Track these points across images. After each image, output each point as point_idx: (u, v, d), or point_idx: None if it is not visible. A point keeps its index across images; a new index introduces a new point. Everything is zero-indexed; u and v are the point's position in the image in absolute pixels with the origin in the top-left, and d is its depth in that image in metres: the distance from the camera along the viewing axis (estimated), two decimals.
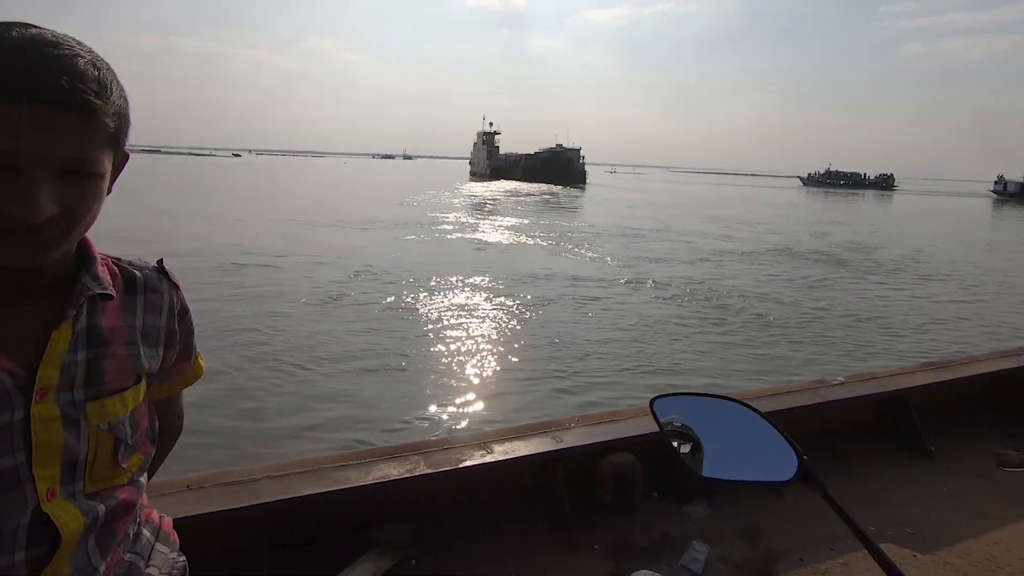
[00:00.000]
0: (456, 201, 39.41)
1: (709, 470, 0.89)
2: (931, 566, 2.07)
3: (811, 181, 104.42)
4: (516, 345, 8.36)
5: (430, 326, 9.13)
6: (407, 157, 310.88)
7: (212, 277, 11.49)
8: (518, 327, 9.25)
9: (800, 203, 56.23)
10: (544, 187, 61.17)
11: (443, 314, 9.82)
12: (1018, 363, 3.65)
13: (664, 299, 11.44)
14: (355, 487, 1.95)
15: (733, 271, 15.16)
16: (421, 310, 10.06)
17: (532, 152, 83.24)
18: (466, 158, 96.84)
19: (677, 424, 0.96)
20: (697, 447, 0.92)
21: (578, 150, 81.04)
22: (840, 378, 3.30)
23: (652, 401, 0.98)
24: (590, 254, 17.42)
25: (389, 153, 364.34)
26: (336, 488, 1.92)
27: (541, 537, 2.18)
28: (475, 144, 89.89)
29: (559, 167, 76.19)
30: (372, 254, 15.45)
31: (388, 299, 10.61)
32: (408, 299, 10.66)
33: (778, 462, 0.86)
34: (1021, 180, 76.17)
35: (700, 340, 8.67)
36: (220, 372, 6.40)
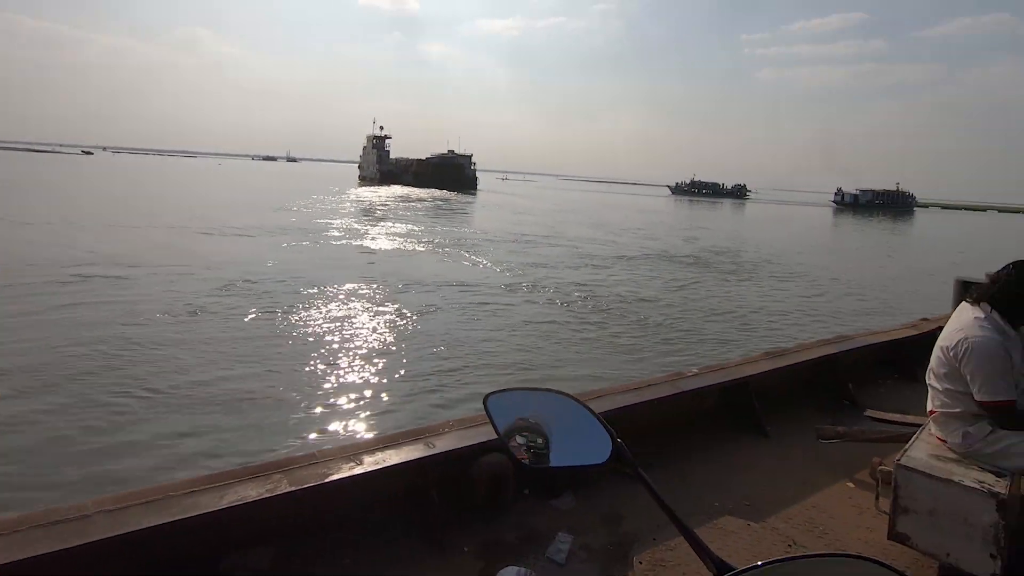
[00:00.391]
0: (344, 206, 37.93)
1: (537, 461, 0.95)
2: (762, 533, 2.34)
3: (678, 190, 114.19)
4: (398, 354, 8.18)
5: (306, 340, 8.64)
6: (291, 159, 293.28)
7: (45, 291, 10.07)
8: (402, 336, 9.07)
9: (670, 210, 60.99)
10: (436, 193, 60.88)
11: (322, 326, 9.34)
12: (837, 349, 4.26)
13: (550, 303, 11.87)
14: (205, 514, 1.81)
15: (615, 275, 16.11)
16: (297, 322, 9.48)
17: (424, 158, 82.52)
18: (355, 162, 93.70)
19: (513, 419, 1.00)
20: (533, 439, 0.97)
21: (470, 156, 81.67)
22: (694, 370, 3.64)
23: (486, 398, 1.02)
24: (480, 260, 17.60)
25: (271, 155, 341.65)
26: (183, 517, 1.77)
27: (413, 545, 2.16)
28: (364, 148, 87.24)
29: (451, 173, 76.27)
30: (246, 263, 14.31)
31: (260, 312, 9.88)
32: (283, 311, 10.01)
33: (597, 447, 0.93)
34: (855, 192, 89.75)
35: (582, 341, 9.11)
36: (47, 400, 5.63)
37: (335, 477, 2.09)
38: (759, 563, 0.62)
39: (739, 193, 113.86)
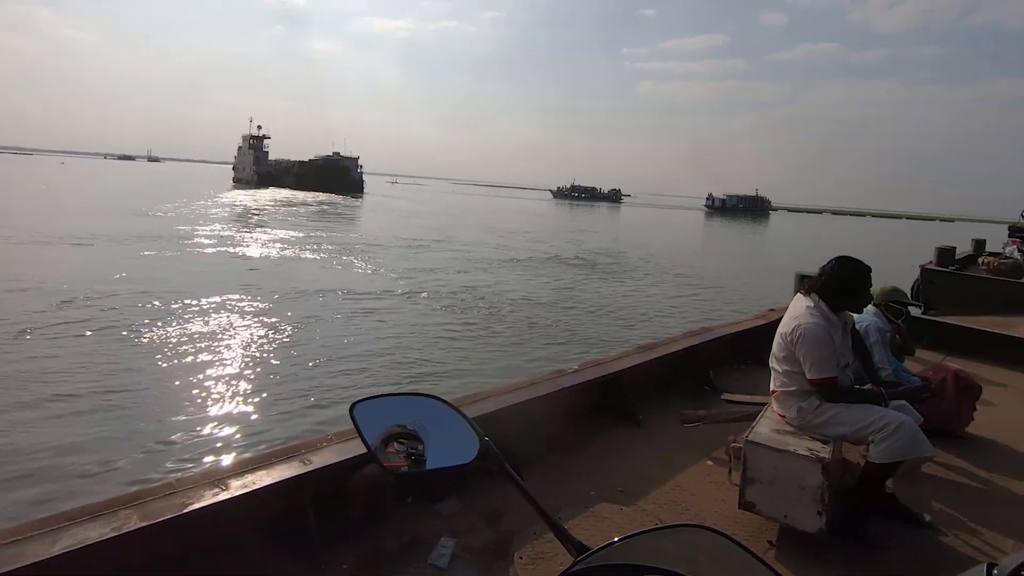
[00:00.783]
0: (215, 211, 34.89)
1: (414, 466, 0.94)
2: (632, 515, 2.51)
3: (559, 194, 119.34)
4: (274, 369, 7.67)
5: (164, 359, 7.78)
6: (153, 159, 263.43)
7: None
8: (279, 349, 8.52)
9: (556, 213, 63.47)
10: (321, 196, 58.09)
11: (184, 343, 8.48)
12: (699, 340, 4.68)
13: (439, 308, 11.81)
14: (30, 565, 1.57)
15: (505, 277, 16.41)
16: (154, 340, 8.51)
17: (307, 159, 78.38)
18: (229, 163, 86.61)
19: (385, 426, 0.99)
20: (408, 445, 0.96)
21: (356, 159, 78.90)
22: (575, 366, 3.82)
23: (352, 408, 1.00)
24: (367, 266, 17.08)
25: (129, 154, 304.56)
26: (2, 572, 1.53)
27: (287, 570, 2.05)
28: (240, 148, 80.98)
29: (336, 176, 73.14)
30: (92, 276, 12.58)
31: (107, 330, 8.76)
32: (136, 328, 8.96)
33: (466, 447, 0.95)
34: (723, 197, 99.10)
35: (469, 344, 9.17)
36: None
37: (197, 506, 1.92)
38: (615, 539, 0.66)
39: (615, 197, 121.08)
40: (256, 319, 10.11)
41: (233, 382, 7.16)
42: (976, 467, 3.25)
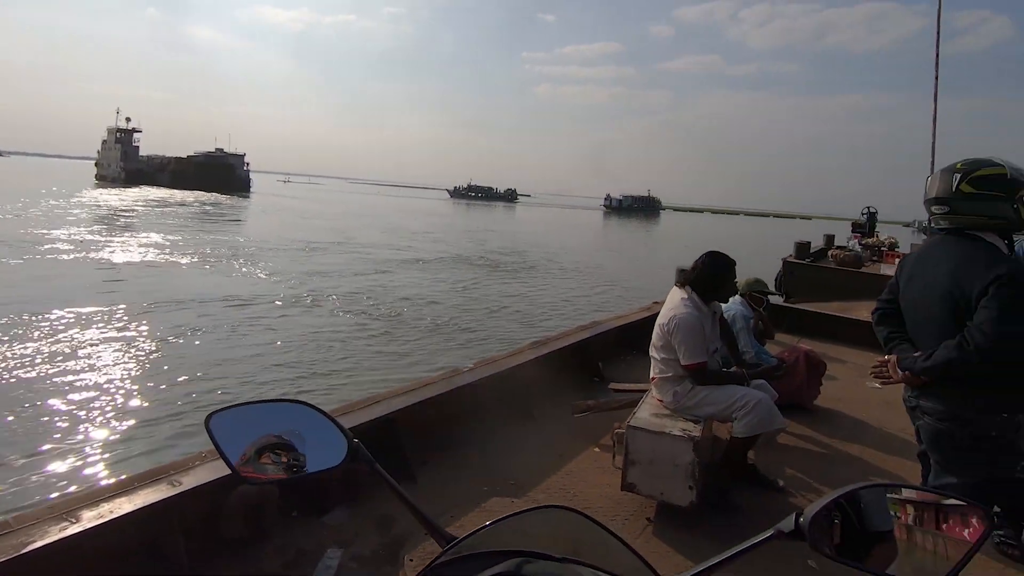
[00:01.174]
0: (74, 212, 30.98)
1: (291, 474, 0.90)
2: (522, 506, 2.58)
3: (456, 193, 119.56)
4: (142, 388, 6.94)
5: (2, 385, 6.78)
6: None
7: None
8: (148, 365, 7.72)
9: (456, 213, 63.46)
10: (204, 196, 53.52)
11: (30, 364, 7.44)
12: (590, 334, 4.91)
13: (335, 312, 11.36)
14: None
15: (407, 279, 16.14)
16: None
17: (185, 156, 71.89)
18: (92, 159, 77.20)
19: (250, 437, 0.94)
20: (279, 454, 0.92)
21: (242, 156, 73.63)
22: (470, 365, 3.85)
23: (207, 420, 0.94)
24: (256, 271, 15.98)
25: None
26: None
27: None
28: (105, 142, 72.56)
29: (218, 174, 67.73)
30: None
31: None
32: None
33: (334, 450, 0.93)
34: (620, 198, 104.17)
35: (366, 348, 8.90)
36: None
37: (39, 544, 1.71)
38: (488, 523, 0.66)
39: (510, 197, 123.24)
40: (123, 331, 9.08)
41: (92, 406, 6.38)
42: (821, 435, 3.70)
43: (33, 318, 9.37)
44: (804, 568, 2.28)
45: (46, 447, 5.41)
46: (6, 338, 8.29)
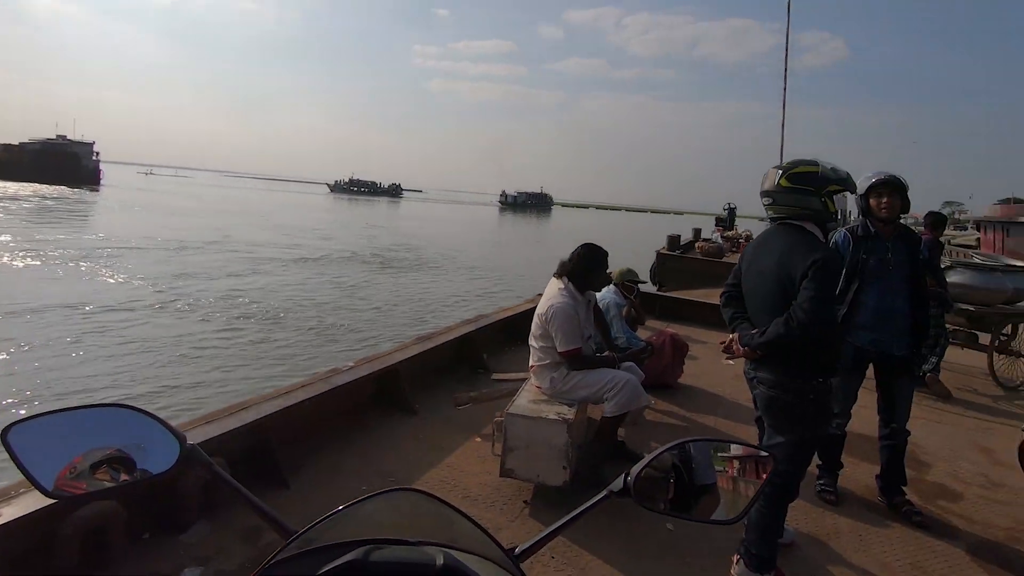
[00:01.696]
0: None
1: (101, 485, 0.82)
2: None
3: (337, 188, 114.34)
4: None
5: None
6: None
7: None
8: None
9: (340, 208, 60.76)
10: (44, 189, 46.53)
11: None
12: (474, 327, 4.97)
13: (210, 317, 10.41)
14: None
15: (292, 279, 15.18)
16: None
17: (17, 143, 62.01)
18: None
19: (71, 449, 0.83)
20: (107, 465, 0.83)
21: (91, 144, 64.90)
22: (350, 363, 3.74)
23: (5, 432, 0.82)
24: (111, 274, 14.14)
25: None
26: None
27: None
28: None
29: (59, 163, 59.09)
30: None
31: None
32: None
33: (164, 453, 0.85)
34: (515, 194, 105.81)
35: (243, 355, 8.19)
36: None
37: None
38: (339, 507, 0.66)
39: (395, 192, 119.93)
40: None
41: None
42: (683, 409, 4.07)
43: None
44: (667, 532, 2.50)
45: None
46: None
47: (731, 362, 4.57)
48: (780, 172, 2.25)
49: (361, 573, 0.58)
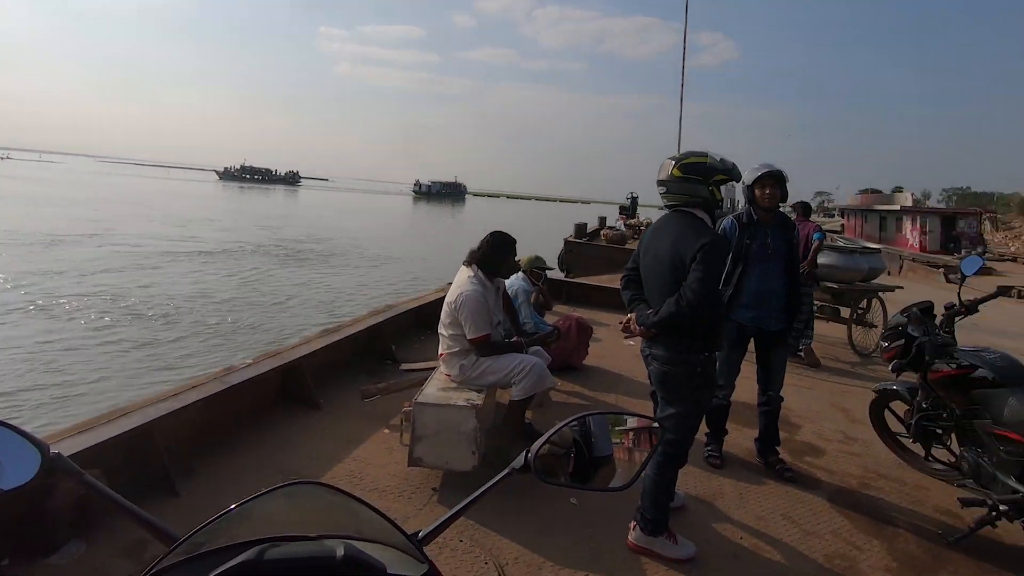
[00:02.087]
0: None
1: None
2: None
3: (227, 175, 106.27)
4: None
5: None
6: None
7: None
8: None
9: (234, 197, 56.76)
10: None
11: None
12: (383, 318, 4.88)
13: (84, 317, 9.39)
14: None
15: (184, 275, 13.99)
16: None
17: None
18: None
19: None
20: None
21: None
22: (248, 360, 3.55)
23: None
24: None
25: None
26: None
27: None
28: None
29: None
30: None
31: None
32: None
33: (23, 464, 0.77)
34: (429, 183, 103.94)
35: (124, 359, 7.42)
36: None
37: None
38: (231, 507, 0.63)
39: (292, 180, 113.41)
40: None
41: None
42: (587, 389, 4.25)
43: None
44: (571, 507, 2.62)
45: None
46: None
47: (631, 342, 4.83)
48: (673, 163, 2.40)
49: (255, 573, 0.56)
